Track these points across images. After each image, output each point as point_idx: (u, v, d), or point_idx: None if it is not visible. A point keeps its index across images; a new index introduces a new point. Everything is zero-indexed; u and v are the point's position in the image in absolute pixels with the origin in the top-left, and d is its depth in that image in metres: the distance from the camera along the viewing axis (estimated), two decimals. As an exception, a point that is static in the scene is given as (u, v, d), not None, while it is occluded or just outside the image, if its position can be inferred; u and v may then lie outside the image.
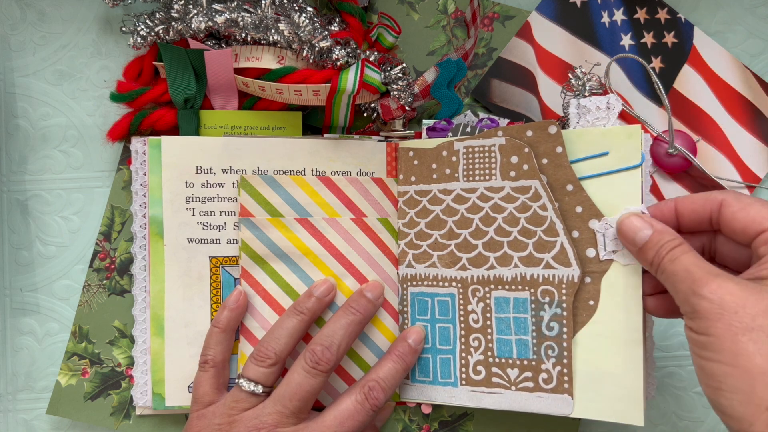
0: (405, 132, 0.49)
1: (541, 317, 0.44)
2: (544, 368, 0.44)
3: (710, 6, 0.53)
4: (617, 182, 0.43)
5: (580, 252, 0.44)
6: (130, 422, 0.49)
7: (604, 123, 0.44)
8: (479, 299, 0.46)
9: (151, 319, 0.47)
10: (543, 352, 0.44)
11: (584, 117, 0.44)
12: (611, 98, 0.44)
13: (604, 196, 0.43)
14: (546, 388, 0.44)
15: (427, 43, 0.51)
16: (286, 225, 0.47)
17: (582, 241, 0.44)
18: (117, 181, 0.50)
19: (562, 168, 0.44)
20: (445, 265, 0.47)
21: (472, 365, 0.46)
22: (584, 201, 0.43)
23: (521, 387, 0.45)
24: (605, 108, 0.44)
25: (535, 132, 0.44)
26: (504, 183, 0.45)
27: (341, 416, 0.42)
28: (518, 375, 0.45)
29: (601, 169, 0.43)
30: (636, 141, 0.42)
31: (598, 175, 0.43)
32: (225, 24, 0.46)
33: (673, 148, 0.50)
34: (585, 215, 0.43)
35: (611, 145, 0.43)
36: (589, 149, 0.43)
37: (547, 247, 0.44)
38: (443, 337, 0.47)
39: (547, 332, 0.44)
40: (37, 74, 0.50)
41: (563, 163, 0.44)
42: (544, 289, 0.44)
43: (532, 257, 0.45)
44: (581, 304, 0.44)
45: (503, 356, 0.45)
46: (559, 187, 0.44)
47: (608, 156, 0.43)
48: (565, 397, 0.44)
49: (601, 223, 0.43)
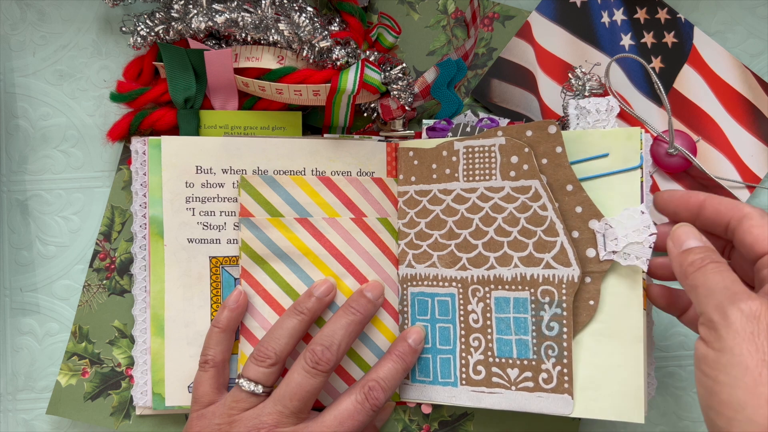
0: (405, 132, 0.49)
1: (541, 317, 0.44)
2: (544, 368, 0.44)
3: (710, 6, 0.53)
4: (617, 183, 0.43)
5: (580, 252, 0.44)
6: (130, 422, 0.49)
7: (603, 125, 0.44)
8: (479, 299, 0.46)
9: (151, 319, 0.47)
10: (543, 352, 0.44)
11: (584, 118, 0.45)
12: (611, 100, 0.44)
13: (604, 196, 0.43)
14: (546, 388, 0.44)
15: (427, 43, 0.51)
16: (286, 225, 0.47)
17: (582, 241, 0.44)
18: (117, 181, 0.50)
19: (562, 168, 0.44)
20: (445, 265, 0.47)
21: (473, 365, 0.46)
22: (584, 201, 0.43)
23: (521, 387, 0.45)
24: (605, 110, 0.44)
25: (534, 132, 0.44)
26: (504, 183, 0.45)
27: (341, 416, 0.42)
28: (518, 375, 0.45)
29: (601, 171, 0.43)
30: (635, 143, 0.43)
31: (598, 176, 0.43)
32: (225, 24, 0.46)
33: (673, 148, 0.50)
34: (585, 215, 0.43)
35: (611, 146, 0.43)
36: (589, 150, 0.44)
37: (547, 247, 0.44)
38: (443, 337, 0.47)
39: (547, 332, 0.44)
40: (37, 74, 0.50)
41: (563, 163, 0.44)
42: (544, 289, 0.44)
43: (532, 257, 0.44)
44: (582, 304, 0.44)
45: (503, 356, 0.45)
46: (558, 187, 0.44)
47: (608, 157, 0.43)
48: (565, 396, 0.44)
49: (601, 224, 0.43)
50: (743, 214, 0.38)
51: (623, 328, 0.43)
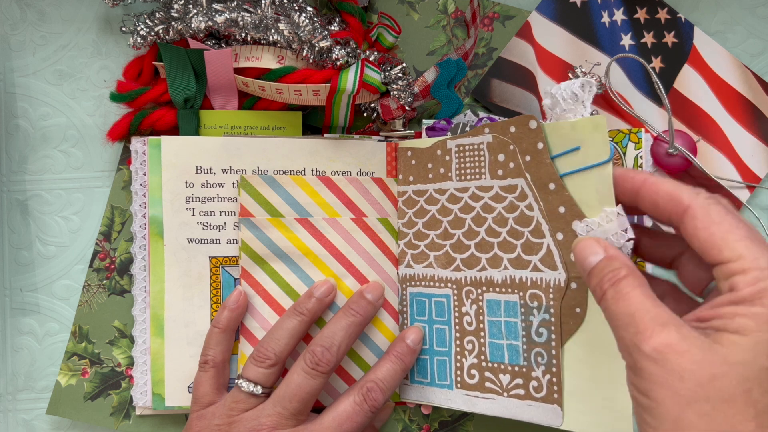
0: (405, 132, 0.49)
1: (530, 322, 0.42)
2: (534, 375, 0.42)
3: (710, 6, 0.52)
4: (592, 180, 0.38)
5: (565, 255, 0.40)
6: (129, 422, 0.49)
7: (574, 114, 0.38)
8: (473, 301, 0.44)
9: (151, 319, 0.47)
10: (533, 358, 0.42)
11: (555, 108, 0.39)
12: (583, 83, 0.37)
13: (583, 194, 0.39)
14: (537, 397, 0.42)
15: (427, 43, 0.51)
16: (286, 225, 0.47)
17: (567, 243, 0.40)
18: (117, 181, 0.50)
19: (544, 165, 0.40)
20: (441, 265, 0.46)
21: (467, 368, 0.45)
22: (567, 201, 0.40)
23: (513, 394, 0.43)
24: (571, 98, 0.37)
25: (517, 128, 0.41)
26: (493, 182, 0.43)
27: (339, 418, 0.42)
28: (510, 381, 0.43)
29: (577, 166, 0.39)
30: (602, 134, 0.37)
31: (575, 171, 0.39)
32: (225, 24, 0.46)
33: (673, 148, 0.50)
34: (568, 216, 0.40)
35: (581, 138, 0.38)
36: (563, 144, 0.39)
37: (534, 249, 0.41)
38: (440, 339, 0.46)
39: (536, 338, 0.42)
40: (37, 74, 0.50)
41: (544, 160, 0.40)
42: (532, 292, 0.42)
43: (521, 259, 0.42)
44: (568, 311, 0.40)
45: (495, 361, 0.43)
46: (542, 185, 0.40)
47: (580, 151, 0.38)
48: (555, 407, 0.41)
49: (583, 225, 0.39)
50: (683, 209, 0.32)
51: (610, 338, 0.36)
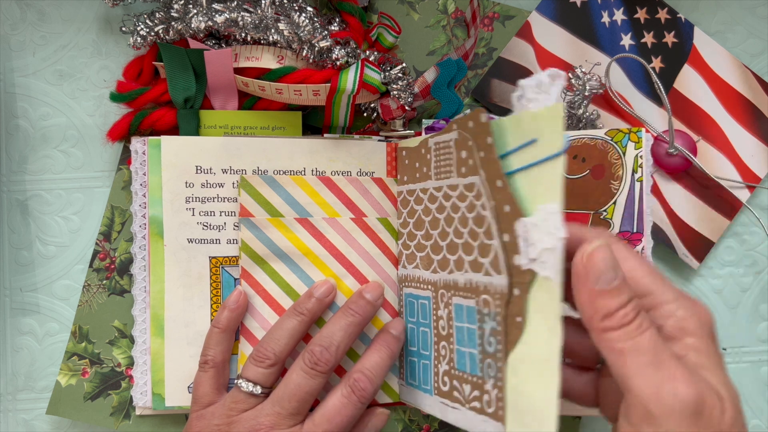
0: (405, 132, 0.49)
1: (483, 330, 0.38)
2: (486, 388, 0.38)
3: (710, 6, 0.52)
4: (542, 175, 0.33)
5: (508, 258, 0.36)
6: (129, 422, 0.49)
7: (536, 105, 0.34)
8: (445, 304, 0.42)
9: (151, 319, 0.47)
10: (486, 369, 0.38)
11: (519, 101, 0.35)
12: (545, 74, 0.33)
13: (529, 191, 0.34)
14: (488, 412, 0.38)
15: (427, 43, 0.51)
16: (286, 225, 0.47)
17: (511, 245, 0.36)
18: (117, 181, 0.50)
19: (492, 162, 0.37)
20: (424, 266, 0.44)
21: (441, 375, 0.43)
22: (510, 199, 0.35)
23: (472, 406, 0.39)
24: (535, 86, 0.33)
25: (474, 123, 0.38)
26: (458, 180, 0.40)
27: (329, 413, 0.42)
28: (470, 392, 0.39)
29: (529, 161, 0.34)
30: (557, 123, 0.32)
31: (526, 167, 0.35)
32: (225, 24, 0.46)
33: (674, 148, 0.50)
34: (511, 216, 0.35)
35: (539, 129, 0.33)
36: (522, 137, 0.35)
37: (486, 251, 0.38)
38: (424, 342, 0.45)
39: (488, 348, 0.38)
40: (37, 74, 0.50)
41: (493, 156, 0.36)
42: (484, 298, 0.38)
43: (477, 262, 0.39)
44: (511, 320, 0.36)
45: (461, 369, 0.41)
46: (492, 183, 0.37)
47: (536, 144, 0.34)
48: (499, 425, 0.36)
49: (521, 224, 0.34)
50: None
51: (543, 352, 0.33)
